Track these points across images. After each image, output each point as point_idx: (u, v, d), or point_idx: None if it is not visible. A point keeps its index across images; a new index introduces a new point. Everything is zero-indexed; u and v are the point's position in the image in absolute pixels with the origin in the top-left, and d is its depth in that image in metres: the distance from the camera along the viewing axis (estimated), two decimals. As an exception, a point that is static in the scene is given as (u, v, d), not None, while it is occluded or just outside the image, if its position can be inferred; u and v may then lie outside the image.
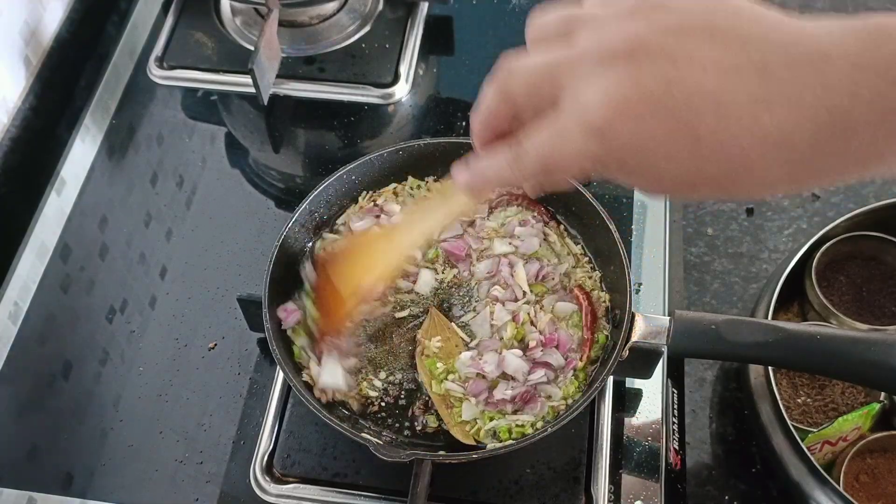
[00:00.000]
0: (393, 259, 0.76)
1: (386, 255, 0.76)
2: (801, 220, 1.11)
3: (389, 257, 0.76)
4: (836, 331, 0.80)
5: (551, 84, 0.49)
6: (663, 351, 0.79)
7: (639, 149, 0.46)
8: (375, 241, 0.80)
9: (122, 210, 1.04)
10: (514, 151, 0.52)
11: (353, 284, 0.77)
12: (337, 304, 0.78)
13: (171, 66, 1.14)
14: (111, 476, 0.86)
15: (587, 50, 0.47)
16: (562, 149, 0.48)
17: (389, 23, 1.15)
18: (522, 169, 0.51)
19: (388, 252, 0.76)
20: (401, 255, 0.77)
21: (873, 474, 0.89)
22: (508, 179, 0.54)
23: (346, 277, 0.78)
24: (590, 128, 0.46)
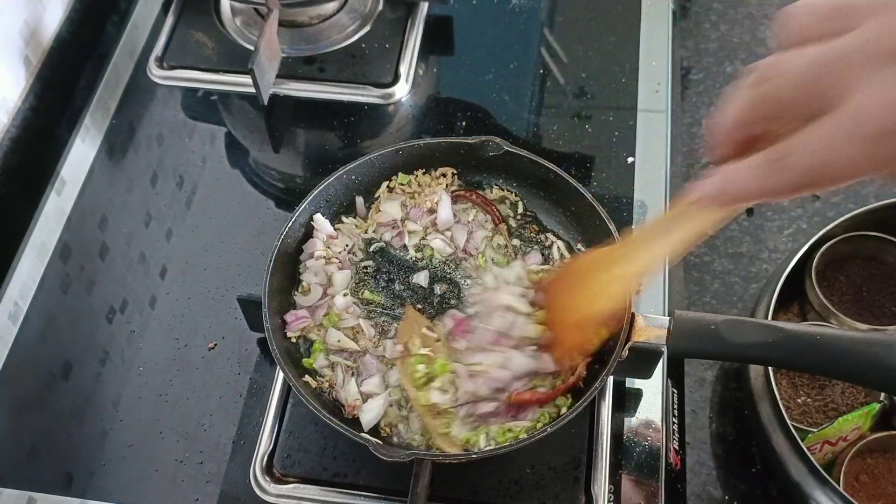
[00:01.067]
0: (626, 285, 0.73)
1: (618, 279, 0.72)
2: (801, 220, 1.11)
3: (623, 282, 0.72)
4: (836, 331, 0.80)
5: (825, 84, 0.44)
6: (663, 351, 0.79)
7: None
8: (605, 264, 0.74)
9: (122, 210, 1.04)
10: (775, 159, 0.47)
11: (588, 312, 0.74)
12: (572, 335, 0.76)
13: (171, 66, 1.14)
14: (111, 476, 0.86)
15: (869, 45, 0.43)
16: (837, 155, 0.44)
17: (389, 23, 1.15)
18: (788, 177, 0.47)
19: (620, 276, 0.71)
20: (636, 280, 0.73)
21: (873, 474, 0.89)
22: (765, 189, 0.49)
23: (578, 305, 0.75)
24: (874, 133, 0.42)
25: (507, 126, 1.08)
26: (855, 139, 0.43)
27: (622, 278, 0.72)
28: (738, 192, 0.50)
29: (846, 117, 0.43)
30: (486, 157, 0.91)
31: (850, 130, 0.43)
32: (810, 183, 0.47)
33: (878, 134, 0.42)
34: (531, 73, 1.13)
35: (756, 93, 0.48)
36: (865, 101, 0.42)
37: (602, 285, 0.73)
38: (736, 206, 0.54)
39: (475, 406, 0.79)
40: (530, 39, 1.16)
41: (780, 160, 0.47)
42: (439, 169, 0.93)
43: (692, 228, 0.61)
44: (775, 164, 0.47)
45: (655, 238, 0.66)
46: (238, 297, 0.90)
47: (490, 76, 1.13)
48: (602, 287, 0.73)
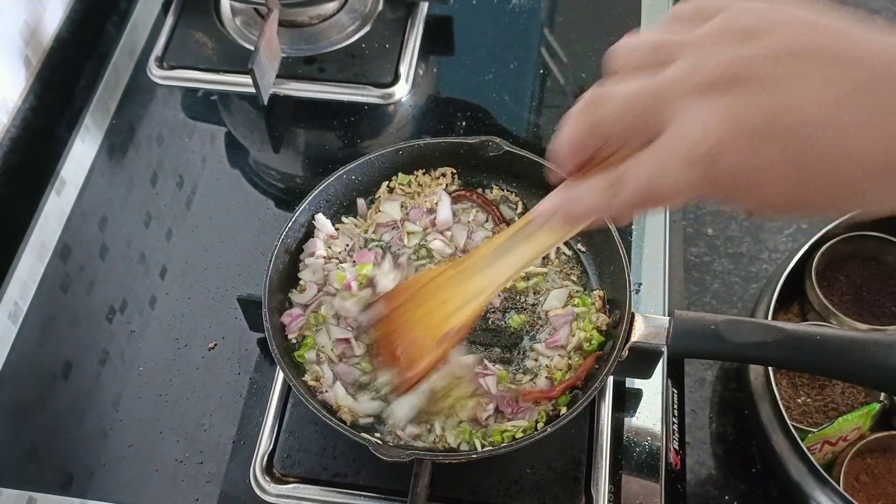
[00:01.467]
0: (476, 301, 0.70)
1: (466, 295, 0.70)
2: (801, 219, 1.11)
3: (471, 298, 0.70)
4: (836, 331, 0.80)
5: (649, 114, 0.47)
6: (663, 351, 0.79)
7: (746, 178, 0.45)
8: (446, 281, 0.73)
9: (122, 210, 1.04)
10: (611, 180, 0.50)
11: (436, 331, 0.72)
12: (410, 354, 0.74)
13: (171, 66, 1.14)
14: (111, 476, 0.86)
15: (687, 77, 0.46)
16: (665, 180, 0.47)
17: (389, 23, 1.15)
18: (622, 199, 0.49)
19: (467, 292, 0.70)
20: (484, 296, 0.70)
21: (873, 474, 0.89)
22: (604, 208, 0.51)
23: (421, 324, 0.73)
24: (695, 159, 0.45)
25: (507, 126, 1.08)
26: (683, 161, 0.46)
27: (469, 293, 0.71)
28: (578, 210, 0.53)
29: (672, 141, 0.46)
30: (486, 157, 0.91)
31: (678, 153, 0.46)
32: (643, 202, 0.49)
33: (704, 155, 0.45)
34: (531, 73, 1.13)
35: (585, 120, 0.51)
36: (687, 125, 0.45)
37: (445, 300, 0.72)
38: (576, 224, 0.58)
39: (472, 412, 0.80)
40: (530, 39, 1.16)
41: (616, 182, 0.49)
42: (439, 169, 0.93)
43: (537, 245, 0.63)
44: (612, 185, 0.50)
45: (499, 253, 0.67)
46: (238, 297, 0.90)
47: (490, 76, 1.13)
48: (444, 302, 0.72)
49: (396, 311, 0.76)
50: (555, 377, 0.81)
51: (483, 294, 0.70)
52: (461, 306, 0.72)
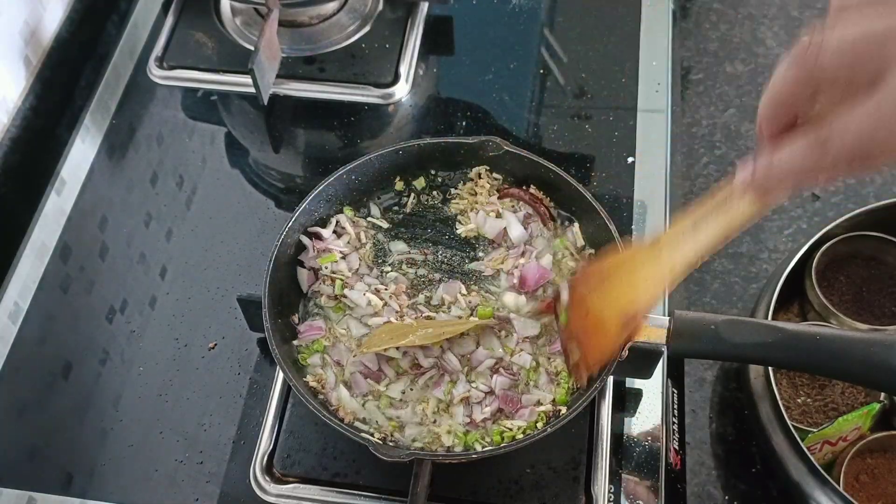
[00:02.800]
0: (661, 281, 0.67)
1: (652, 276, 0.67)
2: (801, 220, 1.11)
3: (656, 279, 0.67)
4: (836, 331, 0.80)
5: (874, 57, 0.44)
6: (663, 351, 0.79)
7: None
8: (641, 259, 0.69)
9: (122, 210, 1.04)
10: (818, 136, 0.46)
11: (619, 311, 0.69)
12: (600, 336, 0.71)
13: (171, 66, 1.14)
14: (111, 476, 0.86)
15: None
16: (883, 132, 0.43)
17: (389, 23, 1.15)
18: (831, 154, 0.46)
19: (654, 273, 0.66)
20: (671, 278, 0.66)
21: (873, 474, 0.89)
22: (809, 169, 0.47)
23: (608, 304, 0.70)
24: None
25: (507, 126, 1.08)
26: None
27: (655, 275, 0.67)
28: (776, 176, 0.49)
29: (891, 93, 0.43)
30: (486, 157, 0.91)
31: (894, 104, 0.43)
32: (857, 159, 0.46)
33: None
34: (531, 73, 1.13)
35: (799, 68, 0.47)
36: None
37: (633, 283, 0.69)
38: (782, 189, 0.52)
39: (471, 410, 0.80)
40: (530, 39, 1.16)
41: (826, 139, 0.46)
42: (474, 169, 0.92)
43: (730, 220, 0.59)
44: (822, 142, 0.46)
45: (695, 229, 0.62)
46: (238, 297, 0.90)
47: (490, 76, 1.13)
48: (633, 285, 0.69)
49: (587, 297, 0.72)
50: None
51: (671, 274, 0.65)
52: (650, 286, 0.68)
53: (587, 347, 0.72)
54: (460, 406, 0.81)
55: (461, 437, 0.79)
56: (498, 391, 0.81)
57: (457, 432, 0.79)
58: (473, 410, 0.80)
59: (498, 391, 0.81)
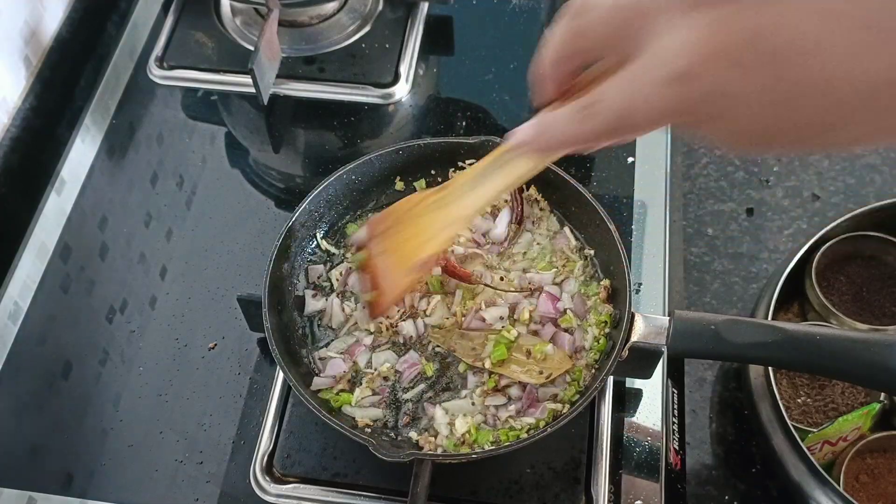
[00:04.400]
0: (447, 230, 0.71)
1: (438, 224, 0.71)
2: (801, 220, 1.11)
3: (443, 227, 0.71)
4: (836, 331, 0.80)
5: (632, 27, 0.45)
6: (663, 351, 0.79)
7: (724, 97, 0.43)
8: (424, 209, 0.73)
9: (122, 210, 1.04)
10: (585, 105, 0.48)
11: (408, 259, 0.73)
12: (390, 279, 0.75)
13: (171, 66, 1.14)
14: (111, 476, 0.86)
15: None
16: (640, 98, 0.45)
17: (389, 23, 1.15)
18: (596, 123, 0.47)
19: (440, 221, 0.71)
20: (456, 226, 0.71)
21: (873, 474, 0.89)
22: (577, 136, 0.49)
23: (397, 249, 0.74)
24: (673, 75, 0.43)
25: (507, 126, 1.08)
26: (657, 82, 0.44)
27: (441, 222, 0.71)
28: (551, 138, 0.52)
29: (649, 59, 0.44)
30: (486, 157, 0.91)
31: (653, 73, 0.44)
32: (618, 128, 0.47)
33: (679, 76, 0.43)
34: (531, 73, 1.13)
35: (568, 29, 0.49)
36: (668, 43, 0.43)
37: (421, 230, 0.73)
38: (551, 153, 0.56)
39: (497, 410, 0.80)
40: (530, 39, 1.16)
41: (589, 106, 0.48)
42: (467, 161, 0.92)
43: (509, 175, 0.62)
44: (585, 110, 0.48)
45: (474, 183, 0.66)
46: (238, 297, 0.90)
47: (490, 76, 1.13)
48: (421, 232, 0.73)
49: (379, 237, 0.77)
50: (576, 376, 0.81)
51: (455, 223, 0.71)
52: (433, 236, 0.72)
53: (380, 285, 0.77)
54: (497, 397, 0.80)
55: (473, 432, 0.79)
56: (530, 387, 0.81)
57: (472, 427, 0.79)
58: (499, 410, 0.80)
59: (530, 387, 0.81)
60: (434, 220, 0.72)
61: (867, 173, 1.14)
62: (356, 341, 0.85)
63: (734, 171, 1.16)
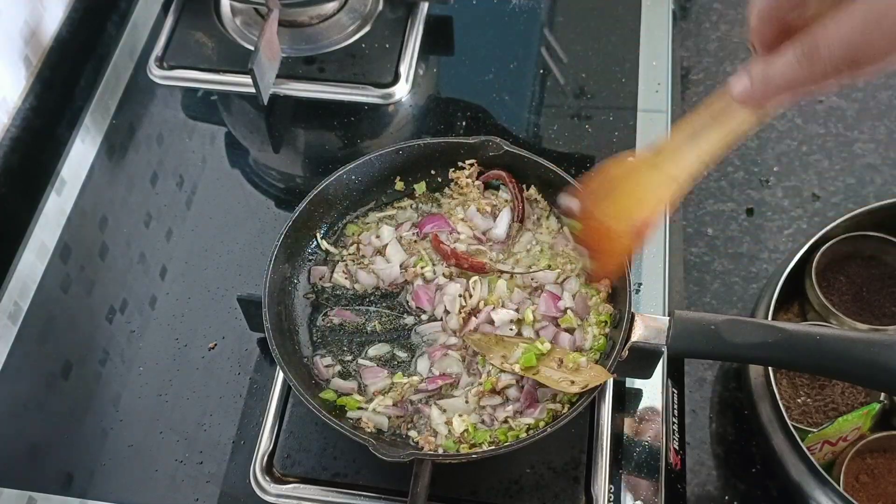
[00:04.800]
0: (663, 189, 0.68)
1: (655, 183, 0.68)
2: (801, 220, 1.11)
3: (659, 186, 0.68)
4: (836, 331, 0.80)
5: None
6: (663, 351, 0.79)
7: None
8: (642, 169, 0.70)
9: (122, 210, 1.04)
10: (806, 45, 0.46)
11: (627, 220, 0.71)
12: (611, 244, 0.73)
13: (171, 66, 1.14)
14: (111, 476, 0.86)
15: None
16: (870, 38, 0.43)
17: (389, 23, 1.15)
18: (820, 64, 0.46)
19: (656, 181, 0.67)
20: (674, 185, 0.67)
21: (873, 474, 0.89)
22: (801, 80, 0.48)
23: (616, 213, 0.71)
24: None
25: (507, 126, 1.08)
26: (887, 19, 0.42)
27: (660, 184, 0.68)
28: (776, 82, 0.50)
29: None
30: (486, 157, 0.91)
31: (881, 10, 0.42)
32: (846, 67, 0.46)
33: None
34: (531, 73, 1.13)
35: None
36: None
37: (639, 192, 0.70)
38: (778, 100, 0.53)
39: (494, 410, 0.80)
40: (530, 39, 1.16)
41: (814, 48, 0.46)
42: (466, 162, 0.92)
43: (728, 131, 0.59)
44: (811, 52, 0.46)
45: (691, 140, 0.63)
46: (238, 297, 0.90)
47: (490, 76, 1.13)
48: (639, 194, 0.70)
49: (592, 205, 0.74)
50: None
51: (673, 182, 0.67)
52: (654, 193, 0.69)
53: (600, 255, 0.76)
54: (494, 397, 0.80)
55: (471, 431, 0.79)
56: (528, 388, 0.81)
57: (469, 426, 0.79)
58: (496, 410, 0.80)
59: (528, 388, 0.81)
60: (649, 181, 0.68)
61: (867, 173, 1.14)
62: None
63: (734, 171, 1.16)
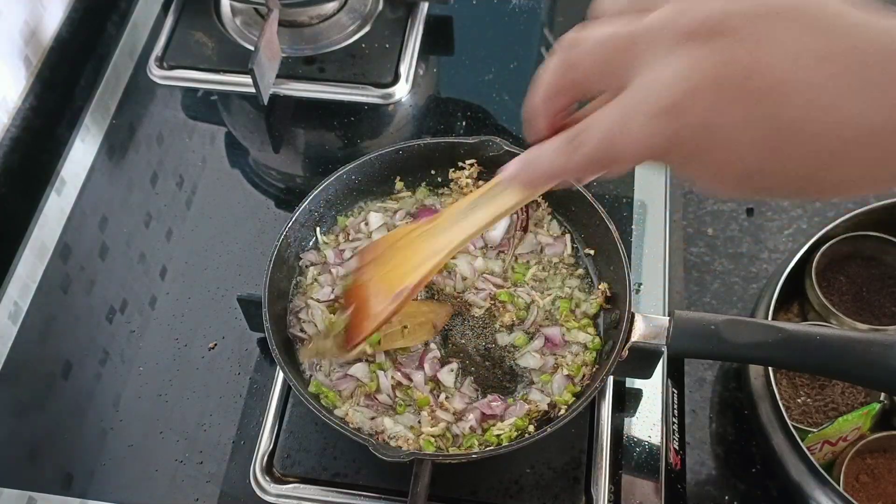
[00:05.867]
0: (433, 259, 0.71)
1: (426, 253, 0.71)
2: (801, 220, 1.11)
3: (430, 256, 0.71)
4: (836, 331, 0.80)
5: (622, 59, 0.45)
6: (663, 351, 0.79)
7: (711, 132, 0.42)
8: (414, 239, 0.73)
9: (122, 210, 1.04)
10: (571, 138, 0.48)
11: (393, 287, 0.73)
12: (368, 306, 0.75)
13: (171, 66, 1.14)
14: (111, 476, 0.86)
15: (664, 25, 0.44)
16: (625, 136, 0.44)
17: (389, 23, 1.15)
18: (580, 156, 0.47)
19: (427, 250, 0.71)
20: (442, 255, 0.70)
21: (873, 474, 0.89)
22: (563, 170, 0.49)
23: (384, 280, 0.74)
24: (660, 108, 0.43)
25: (507, 126, 1.08)
26: (642, 115, 0.43)
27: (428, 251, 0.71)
28: (537, 170, 0.52)
29: (637, 92, 0.44)
30: (486, 157, 0.91)
31: (638, 106, 0.44)
32: (603, 160, 0.47)
33: (667, 108, 0.42)
34: (531, 73, 1.12)
35: (560, 61, 0.49)
36: (657, 76, 0.43)
37: (409, 259, 0.73)
38: (537, 186, 0.56)
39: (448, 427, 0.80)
40: (530, 39, 1.16)
41: (575, 138, 0.47)
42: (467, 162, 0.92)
43: (497, 207, 0.63)
44: (571, 142, 0.48)
45: (463, 214, 0.66)
46: (238, 297, 0.90)
47: (490, 76, 1.13)
48: (408, 258, 0.73)
49: (366, 266, 0.77)
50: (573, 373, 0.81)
51: (440, 254, 0.70)
52: (419, 265, 0.72)
53: (359, 314, 0.77)
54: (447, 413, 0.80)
55: (450, 438, 0.79)
56: (477, 403, 0.81)
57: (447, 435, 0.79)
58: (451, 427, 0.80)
59: (477, 403, 0.81)
60: (422, 249, 0.72)
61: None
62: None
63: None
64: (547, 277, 0.88)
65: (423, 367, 0.82)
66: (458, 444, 0.79)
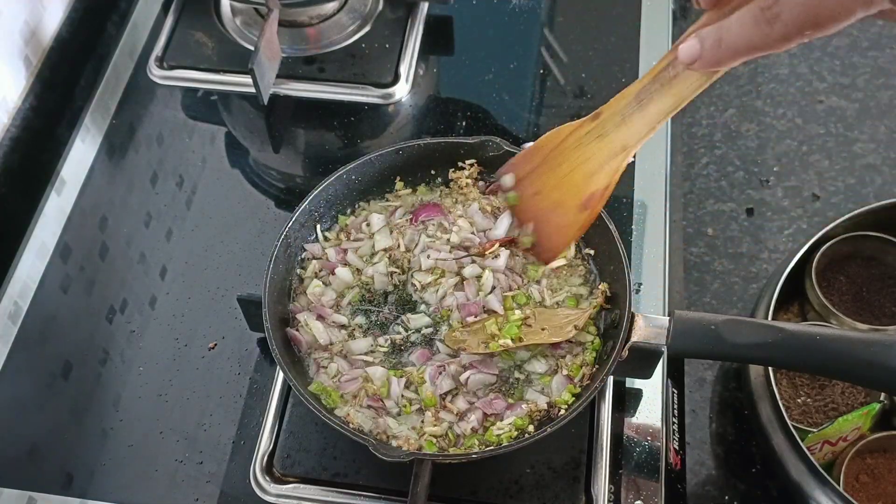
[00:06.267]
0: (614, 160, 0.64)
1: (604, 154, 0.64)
2: (801, 220, 1.11)
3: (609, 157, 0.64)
4: (836, 331, 0.80)
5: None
6: (663, 351, 0.79)
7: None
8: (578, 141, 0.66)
9: (122, 210, 1.04)
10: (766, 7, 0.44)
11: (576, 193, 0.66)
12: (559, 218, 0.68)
13: (171, 66, 1.14)
14: (111, 476, 0.86)
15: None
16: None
17: (389, 23, 1.15)
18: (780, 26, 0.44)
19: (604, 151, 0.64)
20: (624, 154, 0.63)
21: (873, 474, 0.89)
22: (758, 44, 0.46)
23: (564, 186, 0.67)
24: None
25: (507, 126, 1.08)
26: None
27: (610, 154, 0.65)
28: (730, 47, 0.47)
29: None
30: (486, 157, 0.91)
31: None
32: (803, 29, 0.44)
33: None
34: (531, 73, 1.13)
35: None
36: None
37: (588, 163, 0.66)
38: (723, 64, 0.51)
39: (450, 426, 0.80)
40: (530, 39, 1.16)
41: (770, 8, 0.44)
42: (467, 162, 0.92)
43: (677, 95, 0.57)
44: (766, 13, 0.45)
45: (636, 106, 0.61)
46: (238, 297, 0.90)
47: (490, 76, 1.13)
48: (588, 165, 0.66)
49: (528, 178, 0.70)
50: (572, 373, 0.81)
51: (626, 150, 0.63)
52: (598, 168, 0.65)
53: (546, 228, 0.71)
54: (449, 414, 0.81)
55: (452, 438, 0.79)
56: (479, 403, 0.81)
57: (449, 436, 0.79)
58: (453, 426, 0.80)
59: (479, 403, 0.81)
60: (596, 150, 0.64)
61: (867, 173, 1.14)
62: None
63: (734, 171, 1.16)
64: (553, 276, 0.88)
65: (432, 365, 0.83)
66: (460, 444, 0.79)
